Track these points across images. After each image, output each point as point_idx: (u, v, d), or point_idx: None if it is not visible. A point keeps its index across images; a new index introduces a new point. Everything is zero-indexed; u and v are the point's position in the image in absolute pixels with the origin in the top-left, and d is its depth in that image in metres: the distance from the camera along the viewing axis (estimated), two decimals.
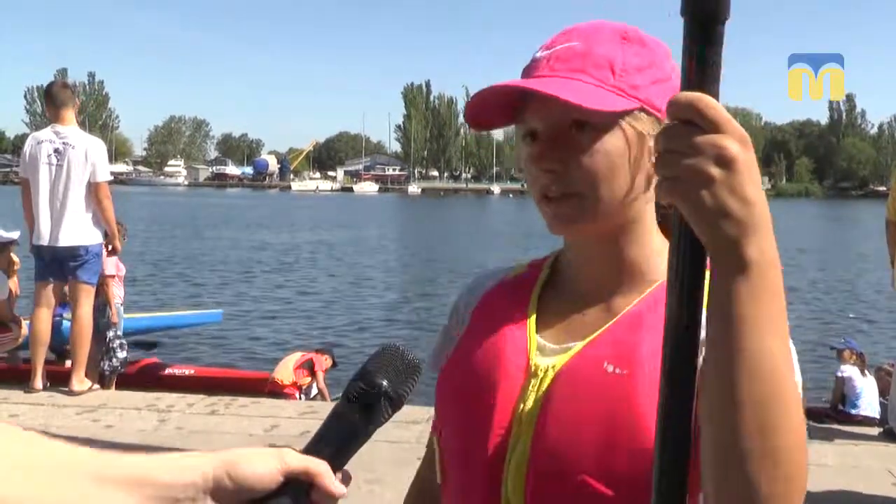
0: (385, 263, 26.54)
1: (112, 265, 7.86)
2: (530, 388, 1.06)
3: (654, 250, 1.12)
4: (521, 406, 1.06)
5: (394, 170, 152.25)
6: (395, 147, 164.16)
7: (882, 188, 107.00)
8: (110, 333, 8.31)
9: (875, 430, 6.22)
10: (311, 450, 0.83)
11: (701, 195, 0.74)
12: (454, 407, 1.11)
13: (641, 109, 1.05)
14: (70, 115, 6.30)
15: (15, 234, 7.65)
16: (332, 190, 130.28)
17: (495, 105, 1.11)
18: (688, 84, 0.75)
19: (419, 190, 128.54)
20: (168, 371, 9.40)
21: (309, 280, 21.49)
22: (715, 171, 0.73)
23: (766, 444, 0.78)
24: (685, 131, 0.74)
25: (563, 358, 1.07)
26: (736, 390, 0.77)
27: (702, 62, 0.74)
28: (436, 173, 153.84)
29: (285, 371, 8.82)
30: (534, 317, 1.14)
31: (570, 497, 1.00)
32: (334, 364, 9.52)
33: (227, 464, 0.80)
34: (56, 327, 6.91)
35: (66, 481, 0.76)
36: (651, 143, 1.04)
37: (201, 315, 12.14)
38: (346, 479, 0.84)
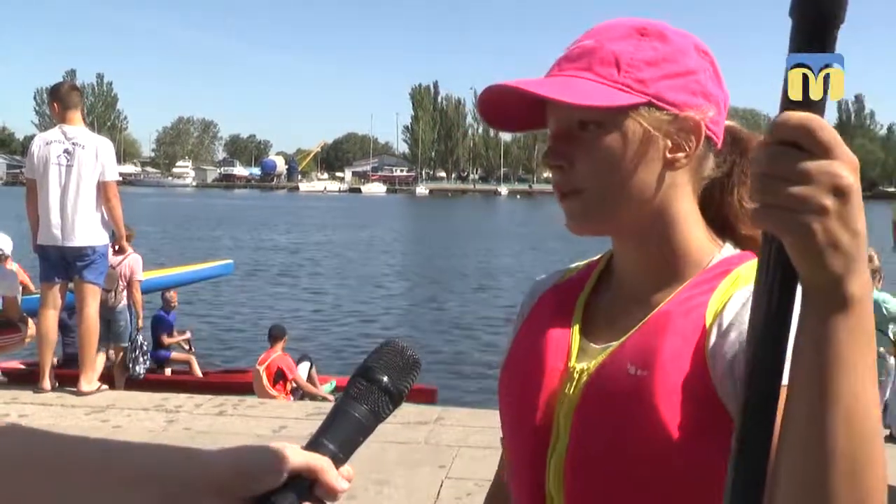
0: (392, 263, 26.58)
1: (140, 268, 7.88)
2: (566, 390, 1.09)
3: (690, 249, 1.10)
4: (559, 408, 1.09)
5: (401, 171, 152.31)
6: (403, 148, 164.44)
7: (892, 189, 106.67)
8: (140, 337, 8.36)
9: (884, 432, 6.29)
10: (313, 446, 0.84)
11: (812, 227, 0.68)
12: (506, 409, 1.18)
13: (650, 105, 1.04)
14: (77, 116, 6.32)
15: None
16: (339, 191, 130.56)
17: (518, 107, 1.11)
18: (789, 98, 0.68)
19: (427, 191, 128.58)
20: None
21: (316, 279, 21.53)
22: (829, 202, 0.68)
23: (856, 486, 0.75)
24: (792, 155, 0.68)
25: (598, 360, 1.08)
26: (830, 436, 0.74)
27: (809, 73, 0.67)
28: (443, 174, 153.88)
29: (269, 394, 8.76)
30: (579, 319, 1.16)
31: (605, 494, 1.04)
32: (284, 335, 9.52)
33: (232, 460, 0.80)
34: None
35: (74, 479, 0.76)
36: (662, 140, 1.04)
37: (214, 268, 12.27)
38: (349, 476, 0.84)
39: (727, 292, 1.03)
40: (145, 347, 8.42)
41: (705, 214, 1.13)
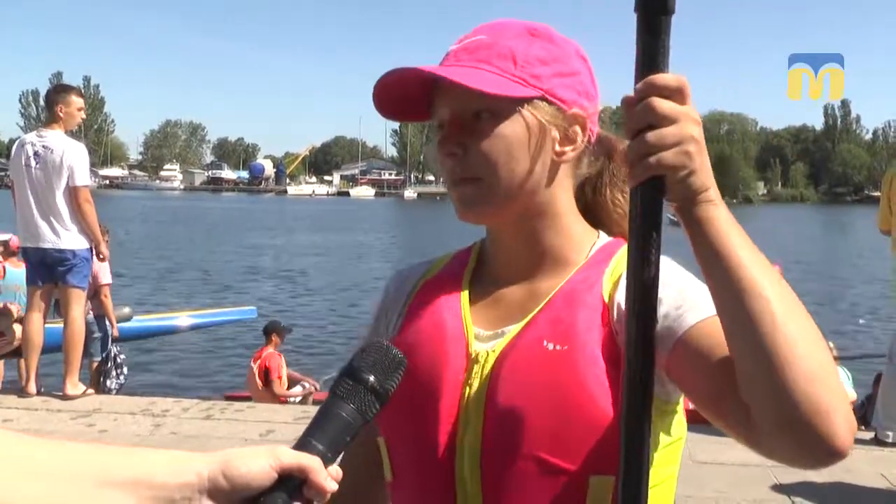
0: (380, 266, 26.56)
1: (107, 273, 7.67)
2: (473, 374, 1.09)
3: (574, 238, 1.16)
4: (467, 393, 1.08)
5: (390, 174, 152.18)
6: (392, 152, 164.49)
7: (877, 193, 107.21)
8: (115, 348, 7.99)
9: (867, 435, 6.35)
10: (302, 446, 0.85)
11: (688, 153, 0.87)
12: (399, 406, 1.03)
13: (543, 98, 1.09)
14: (55, 119, 6.26)
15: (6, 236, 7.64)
16: (328, 194, 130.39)
17: (409, 97, 1.14)
18: (641, 68, 0.87)
19: (415, 194, 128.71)
20: None
21: (304, 283, 21.49)
22: (697, 132, 0.87)
23: (788, 333, 0.84)
24: (664, 103, 0.86)
25: (502, 342, 1.10)
26: (750, 298, 0.86)
27: (652, 49, 0.86)
28: (432, 178, 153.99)
29: (260, 394, 8.70)
30: (467, 306, 1.16)
31: (525, 473, 1.04)
32: (288, 331, 9.55)
33: (222, 463, 0.81)
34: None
35: (67, 484, 0.77)
36: (554, 132, 1.10)
37: (237, 312, 12.51)
38: (337, 476, 0.85)
39: (616, 270, 1.11)
40: (119, 360, 8.06)
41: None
